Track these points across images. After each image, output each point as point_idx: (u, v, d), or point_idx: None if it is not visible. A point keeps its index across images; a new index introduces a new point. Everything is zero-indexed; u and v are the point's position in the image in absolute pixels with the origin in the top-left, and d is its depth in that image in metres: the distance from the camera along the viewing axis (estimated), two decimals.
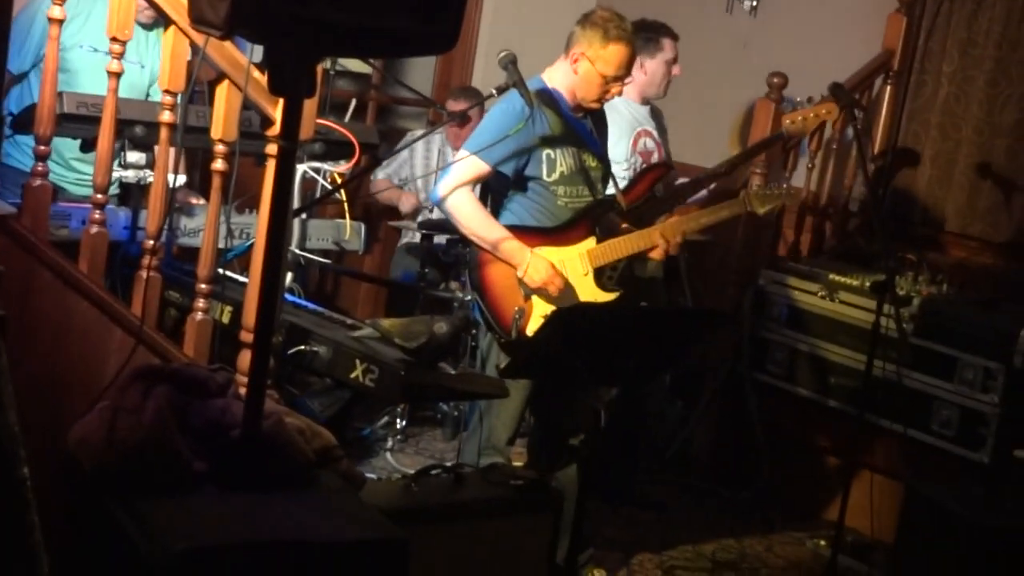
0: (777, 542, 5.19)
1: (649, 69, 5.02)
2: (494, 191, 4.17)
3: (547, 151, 4.08)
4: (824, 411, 5.35)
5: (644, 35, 4.95)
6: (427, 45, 2.61)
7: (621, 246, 4.17)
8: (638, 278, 4.67)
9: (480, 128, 4.11)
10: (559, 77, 4.16)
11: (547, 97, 4.12)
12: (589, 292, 4.13)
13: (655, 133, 5.12)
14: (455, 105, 6.09)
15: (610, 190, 4.31)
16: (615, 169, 4.68)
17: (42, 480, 2.35)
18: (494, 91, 3.98)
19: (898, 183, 5.93)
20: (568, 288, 4.06)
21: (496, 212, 4.15)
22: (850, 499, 4.65)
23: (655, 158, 5.07)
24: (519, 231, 4.08)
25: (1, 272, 2.32)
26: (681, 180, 4.96)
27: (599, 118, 4.31)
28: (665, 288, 5.15)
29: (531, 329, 4.02)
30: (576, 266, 4.12)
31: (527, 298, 4.04)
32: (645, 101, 5.15)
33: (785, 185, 4.65)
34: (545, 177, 4.07)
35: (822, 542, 5.11)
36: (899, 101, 6.14)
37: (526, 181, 4.10)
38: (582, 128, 4.19)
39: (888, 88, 6.17)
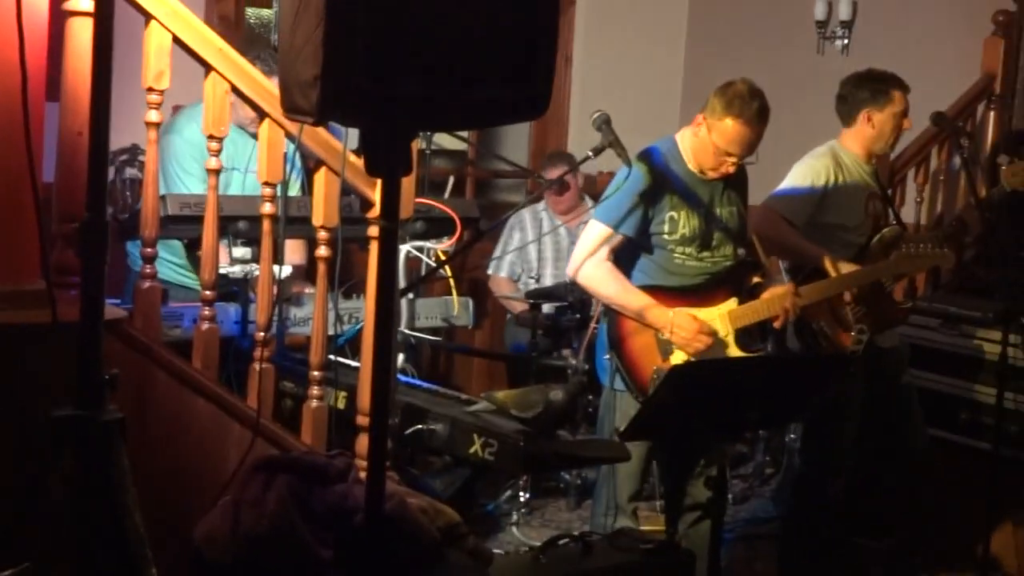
0: None
1: (877, 122, 4.67)
2: (622, 251, 4.13)
3: (671, 212, 4.06)
4: (957, 449, 5.18)
5: (872, 86, 4.69)
6: (520, 111, 2.59)
7: (762, 307, 4.11)
8: (879, 347, 4.59)
9: (610, 197, 4.07)
10: (688, 137, 4.14)
11: (676, 155, 4.12)
12: (731, 353, 4.08)
13: (881, 193, 4.87)
14: (551, 172, 6.09)
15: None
16: (848, 236, 4.60)
17: None
18: (590, 153, 3.98)
19: (1011, 207, 5.77)
20: (716, 345, 4.01)
21: (626, 273, 4.12)
22: (993, 538, 4.50)
23: (882, 221, 4.80)
24: (656, 292, 4.05)
25: (116, 374, 2.33)
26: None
27: (737, 177, 4.24)
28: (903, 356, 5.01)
29: None
30: (716, 327, 4.06)
31: (666, 358, 4.00)
32: (870, 158, 4.81)
33: (941, 247, 4.49)
34: (666, 236, 4.06)
35: None
36: (1004, 124, 6.01)
37: (649, 240, 4.09)
38: (711, 187, 4.15)
39: (992, 112, 6.06)
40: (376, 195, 3.42)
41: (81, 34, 3.08)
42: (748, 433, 5.50)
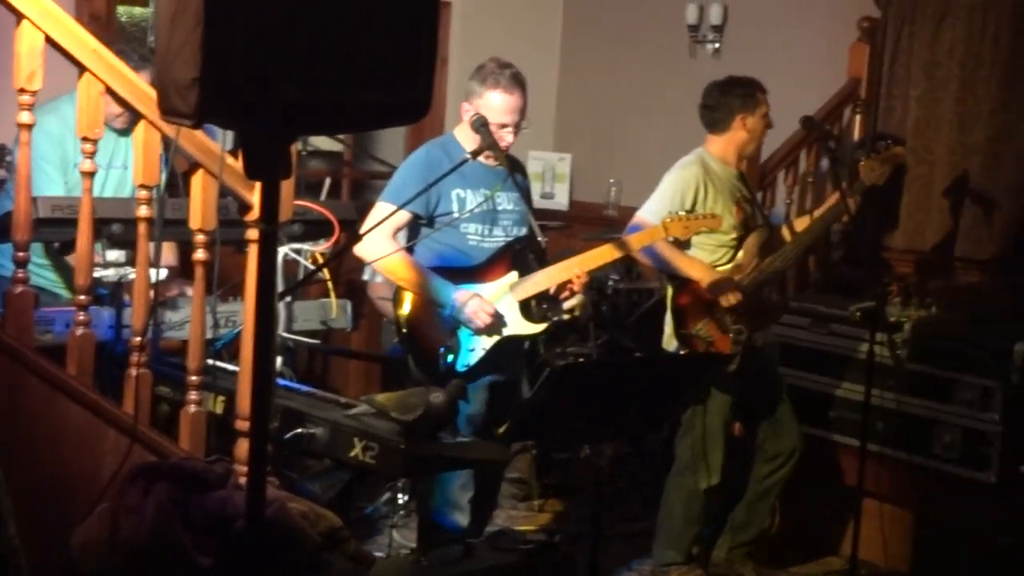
0: None
1: (750, 125, 4.82)
2: (413, 233, 4.31)
3: (457, 191, 4.23)
4: (825, 445, 5.31)
5: (740, 91, 4.82)
6: (400, 115, 2.60)
7: (542, 279, 4.25)
8: (753, 345, 4.68)
9: (393, 180, 4.30)
10: (463, 129, 4.31)
11: (456, 145, 4.31)
12: (516, 325, 4.24)
13: (749, 196, 4.98)
14: None
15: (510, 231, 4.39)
16: (721, 239, 4.70)
17: None
18: (468, 155, 4.02)
19: (877, 209, 5.93)
20: (497, 320, 4.16)
21: (416, 253, 4.28)
22: (861, 531, 4.62)
23: (751, 223, 4.92)
24: (441, 271, 4.21)
25: None
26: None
27: (516, 165, 4.43)
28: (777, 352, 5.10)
29: (461, 363, 4.16)
30: (500, 301, 4.21)
31: (453, 334, 4.15)
32: (739, 161, 4.94)
33: (708, 212, 4.57)
34: (456, 214, 4.21)
35: None
36: (870, 128, 6.17)
37: (438, 220, 4.24)
38: (494, 173, 4.28)
39: (858, 117, 6.21)
40: (255, 198, 3.40)
41: None
42: (628, 433, 5.56)
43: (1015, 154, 5.72)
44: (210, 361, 3.60)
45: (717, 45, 7.06)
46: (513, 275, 4.26)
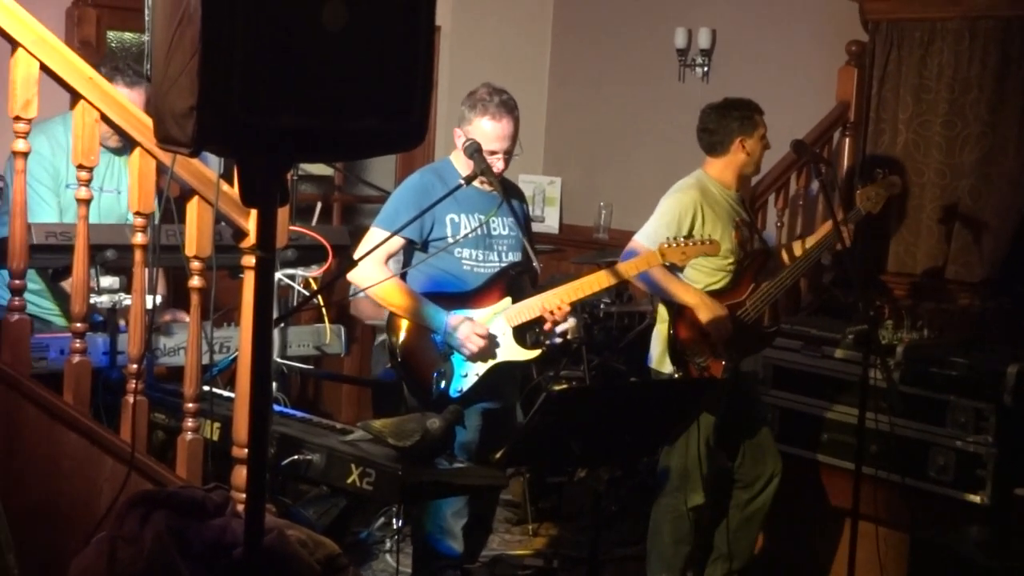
0: None
1: (749, 147, 4.82)
2: (407, 258, 4.33)
3: (451, 215, 4.22)
4: (819, 468, 5.31)
5: (738, 114, 4.82)
6: (396, 142, 2.60)
7: (535, 305, 4.25)
8: (738, 370, 4.69)
9: (387, 206, 4.29)
10: (458, 154, 4.30)
11: (452, 170, 4.29)
12: (510, 351, 4.24)
13: (748, 219, 4.97)
14: None
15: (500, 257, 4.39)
16: (719, 263, 4.70)
17: None
18: (462, 181, 4.03)
19: (868, 232, 5.94)
20: (489, 343, 4.17)
21: (410, 278, 4.27)
22: (857, 555, 4.61)
23: (749, 247, 4.92)
24: (435, 296, 4.21)
25: None
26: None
27: (513, 191, 4.43)
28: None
29: (454, 388, 4.16)
30: (493, 326, 4.21)
31: (446, 359, 4.16)
32: (739, 183, 4.95)
33: (705, 238, 4.53)
34: (449, 239, 4.20)
35: None
36: (859, 151, 6.19)
37: (432, 245, 4.24)
38: (490, 199, 4.27)
39: (847, 140, 6.23)
40: (250, 224, 3.40)
41: None
42: (623, 458, 5.56)
43: (1004, 176, 5.76)
44: (207, 388, 3.59)
45: (706, 69, 7.10)
46: (507, 301, 4.26)
